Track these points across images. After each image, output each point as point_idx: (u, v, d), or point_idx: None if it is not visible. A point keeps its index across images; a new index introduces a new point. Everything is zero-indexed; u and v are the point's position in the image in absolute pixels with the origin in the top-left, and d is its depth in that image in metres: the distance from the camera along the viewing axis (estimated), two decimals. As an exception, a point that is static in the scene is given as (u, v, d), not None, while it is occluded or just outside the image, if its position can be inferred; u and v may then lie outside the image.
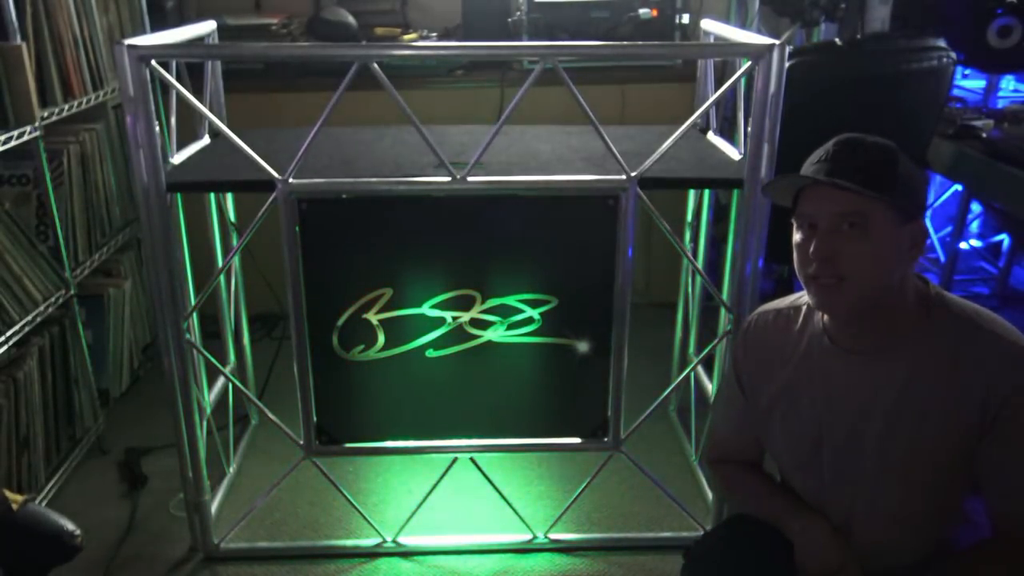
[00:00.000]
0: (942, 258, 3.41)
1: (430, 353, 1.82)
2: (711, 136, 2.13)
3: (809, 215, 1.21)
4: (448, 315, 1.80)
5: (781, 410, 1.37)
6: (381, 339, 1.81)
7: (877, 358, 1.25)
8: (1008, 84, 3.28)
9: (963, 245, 3.42)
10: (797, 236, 1.25)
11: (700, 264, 2.28)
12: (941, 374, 1.20)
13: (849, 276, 1.18)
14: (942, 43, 2.24)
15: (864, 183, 1.15)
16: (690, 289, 2.40)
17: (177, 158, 1.87)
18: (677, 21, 2.92)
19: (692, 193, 2.33)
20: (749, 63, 1.64)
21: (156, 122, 1.62)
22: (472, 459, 1.98)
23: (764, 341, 1.40)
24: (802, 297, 1.38)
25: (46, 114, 2.12)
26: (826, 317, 1.31)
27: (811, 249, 1.20)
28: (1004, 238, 3.47)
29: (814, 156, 1.24)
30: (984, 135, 2.64)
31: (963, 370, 1.18)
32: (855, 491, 1.30)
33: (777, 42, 1.58)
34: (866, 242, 1.17)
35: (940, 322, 1.21)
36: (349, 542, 2.05)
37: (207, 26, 2.09)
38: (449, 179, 1.66)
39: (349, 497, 2.01)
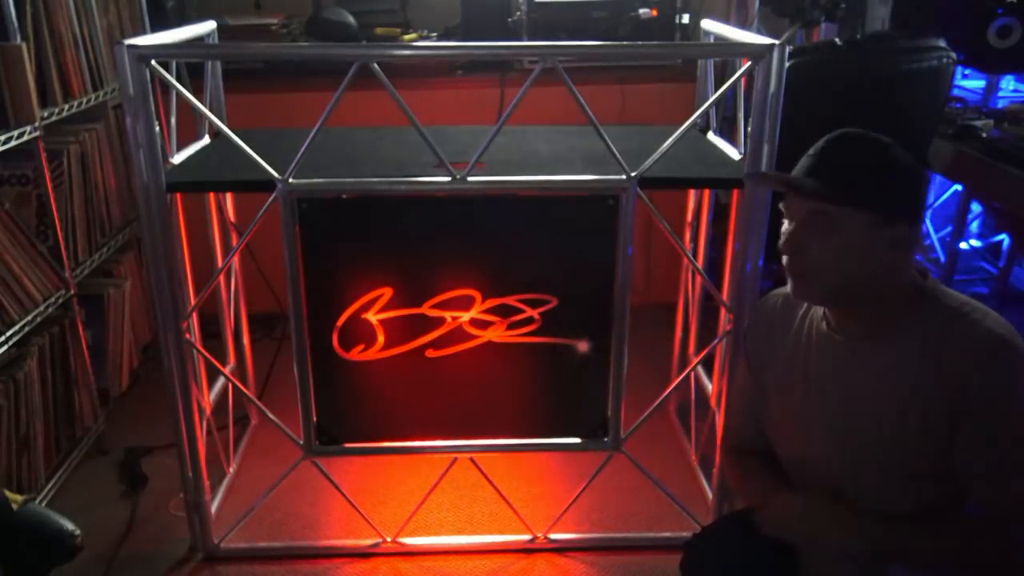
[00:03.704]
0: (942, 258, 3.41)
1: (430, 353, 1.82)
2: (711, 136, 2.13)
3: (785, 207, 1.26)
4: (448, 315, 1.80)
5: (778, 393, 1.39)
6: (381, 339, 1.81)
7: (867, 344, 1.26)
8: (1008, 84, 3.28)
9: (963, 245, 3.42)
10: (783, 227, 1.29)
11: (700, 264, 2.28)
12: (924, 363, 1.20)
13: (810, 271, 1.23)
14: (942, 43, 2.23)
15: (832, 186, 1.19)
16: (690, 289, 2.40)
17: (177, 158, 1.87)
18: (677, 21, 2.92)
19: (692, 193, 2.33)
20: (749, 63, 1.65)
21: (156, 122, 1.62)
22: (472, 459, 1.98)
23: (770, 324, 1.42)
24: None
25: (46, 114, 2.12)
26: None
27: (780, 241, 1.25)
28: (1004, 238, 3.46)
29: (811, 147, 1.26)
30: (984, 135, 2.64)
31: (943, 359, 1.19)
32: (843, 476, 1.30)
33: (777, 42, 1.58)
34: (830, 241, 1.20)
35: (929, 312, 1.22)
36: (349, 542, 2.05)
37: (207, 26, 2.09)
38: (449, 179, 1.66)
39: (348, 498, 2.01)
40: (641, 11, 2.86)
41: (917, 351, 1.21)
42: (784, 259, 1.26)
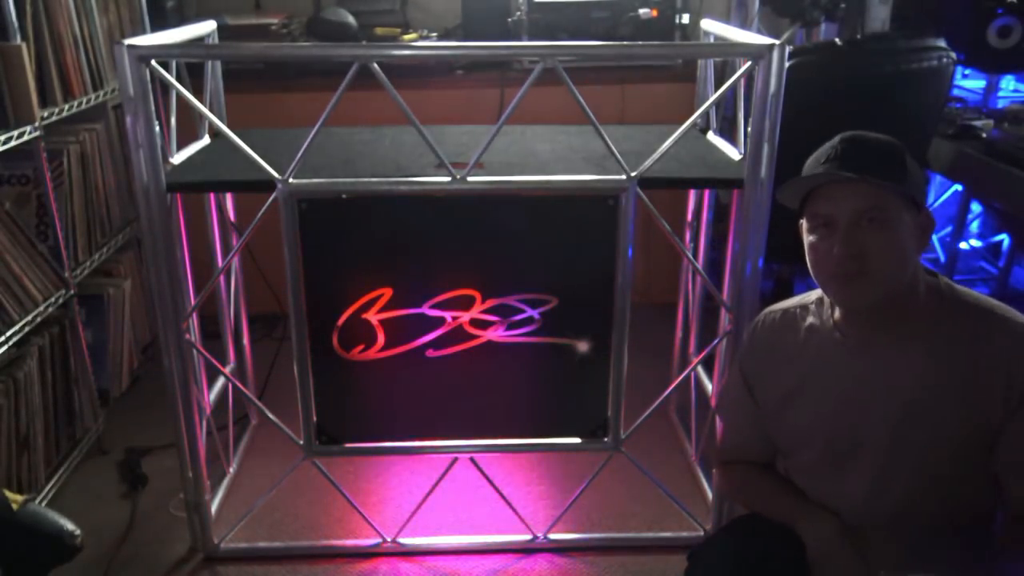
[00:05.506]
0: (942, 258, 3.41)
1: (430, 353, 1.82)
2: (711, 136, 2.13)
3: (826, 214, 1.22)
4: (448, 315, 1.80)
5: (794, 408, 1.37)
6: (381, 339, 1.81)
7: (892, 350, 1.25)
8: (1008, 84, 3.28)
9: (963, 245, 3.42)
10: (811, 238, 1.25)
11: (700, 264, 2.28)
12: (959, 362, 1.20)
13: (874, 270, 1.19)
14: (942, 43, 2.24)
15: (882, 176, 1.17)
16: (690, 289, 2.40)
17: (177, 158, 1.87)
18: (677, 21, 2.92)
19: (692, 193, 2.33)
20: (749, 63, 1.65)
21: (156, 122, 1.62)
22: (472, 459, 1.98)
23: (771, 341, 1.40)
24: (809, 296, 1.39)
25: (46, 114, 2.12)
26: (837, 313, 1.31)
27: (834, 248, 1.20)
28: (1004, 238, 3.47)
29: (821, 155, 1.24)
30: (984, 135, 2.64)
31: (981, 356, 1.19)
32: (874, 483, 1.29)
33: (777, 42, 1.58)
34: (887, 234, 1.18)
35: (954, 311, 1.22)
36: (349, 542, 2.05)
37: (207, 26, 2.09)
38: (449, 179, 1.66)
39: (348, 498, 2.01)
40: (641, 11, 2.87)
41: (948, 352, 1.21)
42: (834, 266, 1.21)
